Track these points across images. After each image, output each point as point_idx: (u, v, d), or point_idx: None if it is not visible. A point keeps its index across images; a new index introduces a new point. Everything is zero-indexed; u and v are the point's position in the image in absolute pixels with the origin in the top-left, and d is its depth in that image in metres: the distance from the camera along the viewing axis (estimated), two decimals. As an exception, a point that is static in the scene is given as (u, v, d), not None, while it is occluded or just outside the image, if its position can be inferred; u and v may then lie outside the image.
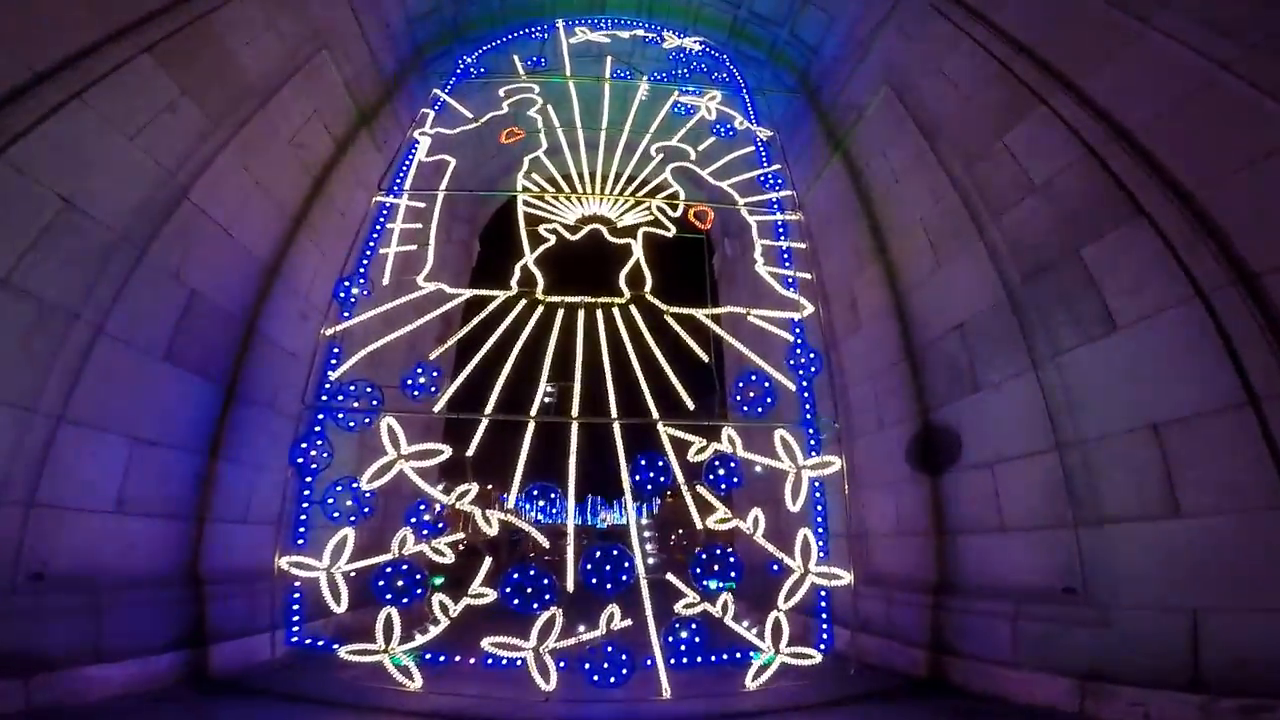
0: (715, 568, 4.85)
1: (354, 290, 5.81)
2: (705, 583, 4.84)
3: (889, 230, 6.59)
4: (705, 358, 5.67)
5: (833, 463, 5.29)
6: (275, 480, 5.62)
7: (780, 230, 6.51)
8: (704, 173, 6.86)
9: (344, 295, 5.79)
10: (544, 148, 6.96)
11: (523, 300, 5.89)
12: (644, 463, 5.14)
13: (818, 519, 5.34)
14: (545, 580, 4.61)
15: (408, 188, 6.48)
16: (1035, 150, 4.67)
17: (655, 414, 5.36)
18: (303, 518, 5.23)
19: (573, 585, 4.77)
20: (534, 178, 6.67)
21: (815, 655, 4.90)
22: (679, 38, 7.98)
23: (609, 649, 4.52)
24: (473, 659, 4.70)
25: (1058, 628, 4.15)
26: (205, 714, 4.02)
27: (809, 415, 5.53)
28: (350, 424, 5.35)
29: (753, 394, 5.46)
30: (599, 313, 5.89)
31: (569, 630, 4.63)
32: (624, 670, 4.48)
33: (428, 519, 5.06)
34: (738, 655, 4.83)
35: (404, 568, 4.76)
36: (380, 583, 4.70)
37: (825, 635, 5.26)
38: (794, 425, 5.42)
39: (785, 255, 6.33)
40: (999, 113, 4.96)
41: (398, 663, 4.59)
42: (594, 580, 4.69)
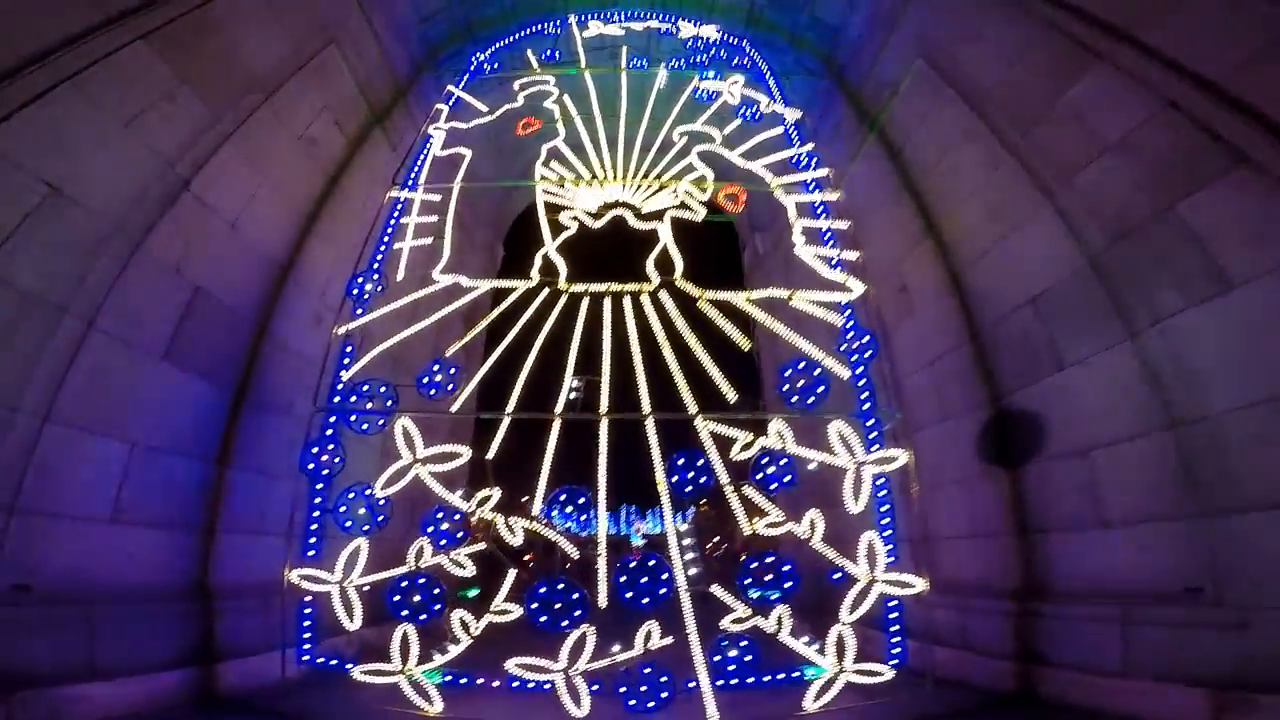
0: (767, 577, 4.33)
1: (367, 287, 5.52)
2: (751, 594, 4.35)
3: (938, 206, 6.20)
4: (747, 345, 5.16)
5: (898, 456, 4.69)
6: (290, 489, 5.30)
7: (820, 210, 6.02)
8: (732, 154, 6.44)
9: (357, 292, 5.51)
10: (562, 136, 6.64)
11: (545, 290, 5.50)
12: (682, 462, 4.69)
13: (883, 520, 4.77)
14: (575, 595, 4.22)
15: (422, 182, 6.22)
16: (1102, 107, 4.31)
17: (693, 407, 4.87)
18: (314, 527, 4.86)
19: (605, 600, 4.40)
20: (552, 165, 6.34)
21: (886, 671, 4.35)
22: (695, 26, 7.68)
23: (647, 670, 4.11)
24: (496, 681, 4.34)
25: (1183, 633, 3.71)
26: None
27: (866, 405, 4.97)
28: (364, 426, 5.02)
29: (802, 382, 4.91)
30: (626, 301, 5.46)
31: (602, 650, 4.23)
32: (664, 693, 4.07)
33: (446, 528, 4.64)
34: (794, 674, 4.36)
35: (421, 581, 4.38)
36: (395, 597, 4.34)
37: (899, 649, 4.70)
38: (850, 416, 4.87)
39: (827, 235, 5.84)
40: (1053, 73, 4.63)
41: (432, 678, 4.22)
42: (629, 594, 4.29)
